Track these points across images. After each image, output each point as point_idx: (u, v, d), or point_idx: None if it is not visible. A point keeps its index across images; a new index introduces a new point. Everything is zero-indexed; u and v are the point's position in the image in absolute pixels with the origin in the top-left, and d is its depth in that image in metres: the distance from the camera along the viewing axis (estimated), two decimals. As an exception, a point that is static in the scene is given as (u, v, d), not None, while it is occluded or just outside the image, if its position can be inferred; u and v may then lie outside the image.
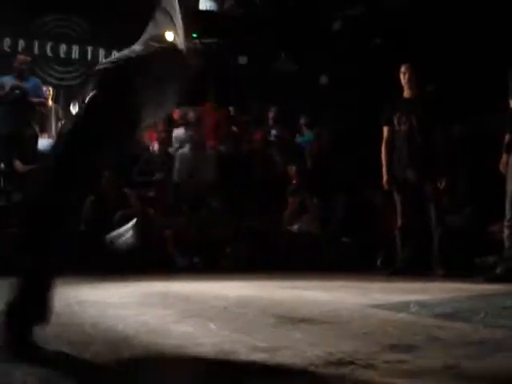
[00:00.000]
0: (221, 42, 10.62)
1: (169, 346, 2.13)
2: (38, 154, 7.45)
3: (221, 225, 6.56)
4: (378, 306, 3.23)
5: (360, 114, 8.98)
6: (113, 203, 6.47)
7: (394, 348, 2.14)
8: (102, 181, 6.63)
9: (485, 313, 3.10)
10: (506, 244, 5.23)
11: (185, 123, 9.11)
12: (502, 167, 5.29)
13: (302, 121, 9.92)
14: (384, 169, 6.01)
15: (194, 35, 10.89)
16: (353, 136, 8.50)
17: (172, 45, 2.38)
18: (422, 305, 3.38)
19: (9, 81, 7.86)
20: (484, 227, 6.37)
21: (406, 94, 6.06)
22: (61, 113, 9.41)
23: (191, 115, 8.28)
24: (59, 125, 9.15)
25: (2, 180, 7.15)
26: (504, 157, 5.29)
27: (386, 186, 6.01)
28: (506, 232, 5.22)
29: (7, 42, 10.88)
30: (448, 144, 6.01)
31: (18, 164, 7.16)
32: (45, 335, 2.35)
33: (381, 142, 6.10)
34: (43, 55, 11.11)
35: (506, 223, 5.22)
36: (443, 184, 5.78)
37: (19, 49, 10.73)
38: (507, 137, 5.30)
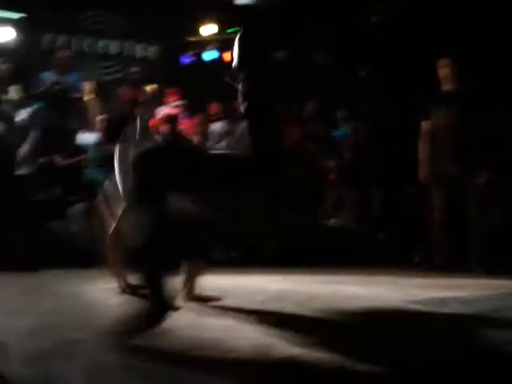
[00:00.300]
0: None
1: (208, 340, 2.14)
2: (77, 149, 7.55)
3: (258, 219, 6.56)
4: (416, 302, 3.20)
5: (398, 108, 8.90)
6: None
7: (432, 344, 2.13)
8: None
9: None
10: None
11: (221, 117, 9.13)
12: None
13: (339, 114, 9.87)
14: (422, 163, 5.94)
15: (231, 30, 10.96)
16: (391, 130, 8.43)
17: None
18: (461, 301, 3.34)
19: (49, 76, 7.96)
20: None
21: (446, 87, 5.97)
22: (98, 107, 9.50)
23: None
24: (97, 119, 9.25)
25: (42, 174, 7.24)
26: None
27: (423, 181, 5.95)
28: None
29: (47, 38, 11.04)
30: (490, 138, 5.92)
31: (57, 158, 7.25)
32: (84, 326, 2.39)
33: (418, 136, 6.03)
34: (81, 51, 11.24)
35: None
36: (484, 179, 5.70)
37: (59, 45, 10.89)
38: None
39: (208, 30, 10.86)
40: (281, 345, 2.05)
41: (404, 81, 9.18)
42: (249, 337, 2.18)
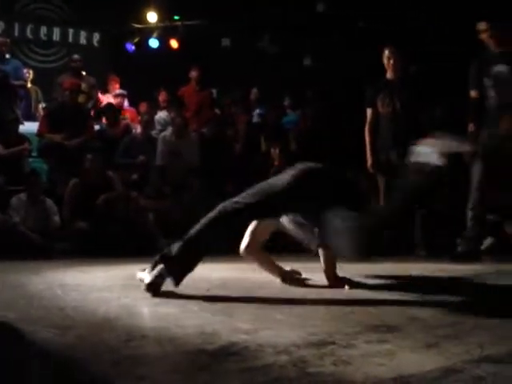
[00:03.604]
0: (204, 23, 10.56)
1: (151, 328, 2.14)
2: (19, 137, 7.39)
3: (204, 208, 6.54)
4: (360, 287, 3.25)
5: (344, 96, 9.00)
6: (96, 186, 6.44)
7: (375, 328, 2.16)
8: (85, 163, 6.62)
9: (465, 293, 3.14)
10: (469, 224, 5.33)
11: (167, 106, 9.08)
12: (467, 157, 5.43)
13: (286, 102, 9.93)
14: (368, 152, 6.01)
15: (176, 17, 10.86)
16: (337, 117, 8.51)
17: None
18: (404, 285, 3.41)
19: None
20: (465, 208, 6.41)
21: (389, 76, 6.05)
22: (40, 95, 9.34)
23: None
24: (39, 107, 9.09)
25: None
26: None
27: (370, 170, 6.02)
28: (470, 213, 5.32)
29: (-13, 23, 10.76)
30: (431, 125, 6.03)
31: (-1, 147, 7.09)
32: (27, 318, 2.35)
33: (365, 123, 6.10)
34: (24, 37, 11.00)
35: (470, 204, 5.33)
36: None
37: (-1, 31, 10.63)
38: (471, 126, 5.39)
39: (154, 16, 10.75)
40: (225, 332, 2.05)
41: (350, 68, 9.28)
42: (192, 325, 2.18)
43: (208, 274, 3.92)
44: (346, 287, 3.20)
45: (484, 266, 4.76)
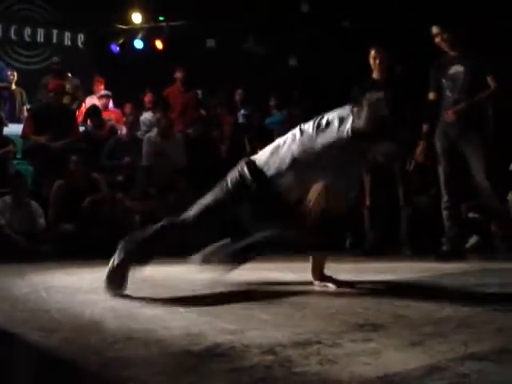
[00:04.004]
0: (189, 24, 10.55)
1: (137, 330, 2.13)
2: (3, 140, 7.35)
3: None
4: (345, 286, 3.26)
5: (330, 96, 9.00)
6: (81, 188, 6.41)
7: (360, 327, 2.17)
8: (70, 165, 6.58)
9: (450, 292, 3.16)
10: (447, 224, 5.40)
11: (153, 107, 9.06)
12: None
13: (272, 102, 9.94)
14: None
15: (161, 18, 10.83)
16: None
17: None
18: (389, 284, 3.43)
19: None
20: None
21: (376, 75, 6.07)
22: (25, 97, 9.29)
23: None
24: (24, 109, 9.04)
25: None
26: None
27: None
28: (445, 213, 5.40)
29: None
30: (417, 124, 6.06)
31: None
32: (12, 321, 2.34)
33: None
34: (7, 38, 10.93)
35: (443, 205, 5.40)
36: (412, 165, 5.84)
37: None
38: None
39: (138, 17, 10.72)
40: (211, 333, 2.06)
41: (336, 68, 9.29)
42: (178, 326, 2.18)
43: (192, 275, 3.91)
44: (332, 286, 3.21)
45: (470, 265, 4.78)
